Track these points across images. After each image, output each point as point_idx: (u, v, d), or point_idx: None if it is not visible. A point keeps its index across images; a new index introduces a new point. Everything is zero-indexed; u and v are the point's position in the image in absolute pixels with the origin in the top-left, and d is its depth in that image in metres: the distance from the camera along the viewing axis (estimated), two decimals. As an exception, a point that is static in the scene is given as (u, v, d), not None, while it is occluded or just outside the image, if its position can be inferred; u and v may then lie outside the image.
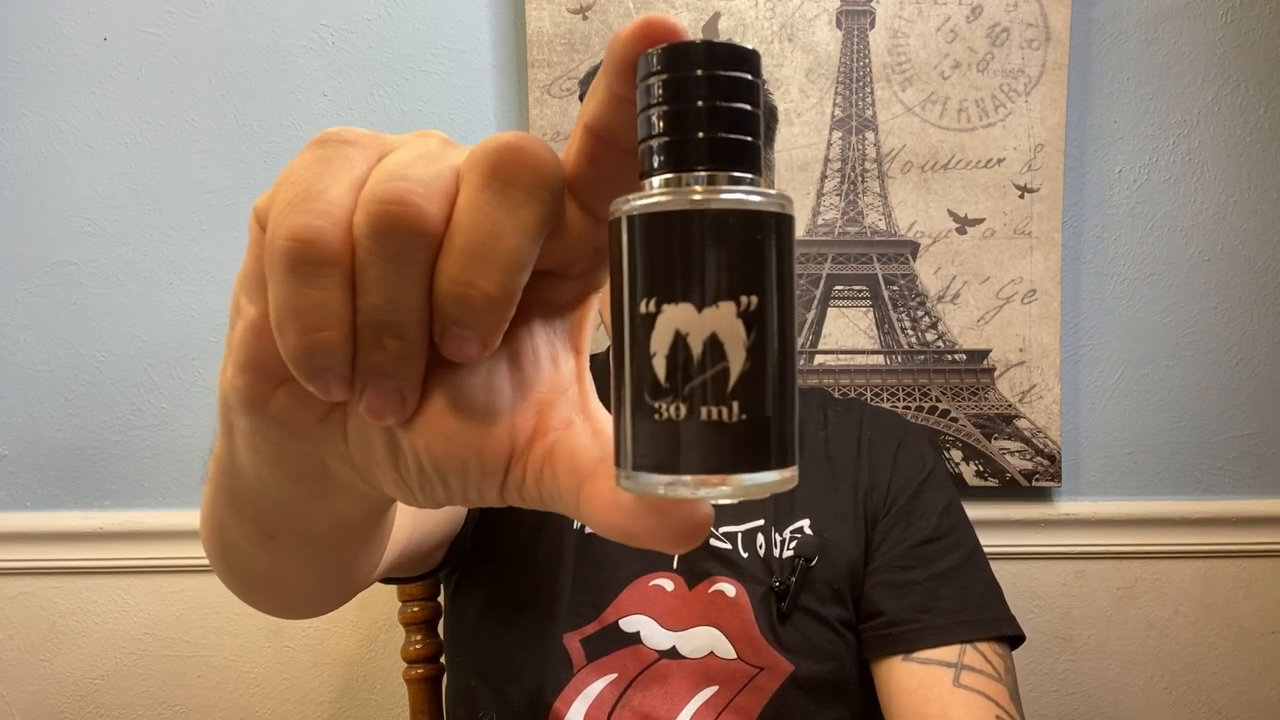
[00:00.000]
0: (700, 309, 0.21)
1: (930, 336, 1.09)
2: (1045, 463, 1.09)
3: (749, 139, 0.21)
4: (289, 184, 0.22)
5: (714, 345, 0.21)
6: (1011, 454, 1.09)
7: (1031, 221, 1.07)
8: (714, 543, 0.77)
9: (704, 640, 0.74)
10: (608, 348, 0.88)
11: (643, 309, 0.21)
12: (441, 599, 0.96)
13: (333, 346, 0.22)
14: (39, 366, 1.11)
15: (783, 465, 0.22)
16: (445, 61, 1.08)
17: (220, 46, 1.08)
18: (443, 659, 0.94)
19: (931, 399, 1.09)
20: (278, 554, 0.37)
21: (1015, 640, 0.76)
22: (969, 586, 0.76)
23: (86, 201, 1.09)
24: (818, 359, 1.09)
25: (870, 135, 1.06)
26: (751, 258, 0.21)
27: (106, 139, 1.08)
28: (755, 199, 0.21)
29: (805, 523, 0.78)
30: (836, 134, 1.06)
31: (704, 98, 0.21)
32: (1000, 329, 1.08)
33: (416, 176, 0.22)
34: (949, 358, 1.08)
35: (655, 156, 0.21)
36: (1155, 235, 1.10)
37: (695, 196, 0.21)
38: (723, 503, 0.23)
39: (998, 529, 1.10)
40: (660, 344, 0.21)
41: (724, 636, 0.74)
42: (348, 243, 0.22)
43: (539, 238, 0.23)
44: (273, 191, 0.23)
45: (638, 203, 0.21)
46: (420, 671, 0.95)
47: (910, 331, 1.09)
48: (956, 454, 1.09)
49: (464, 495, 0.26)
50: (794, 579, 0.75)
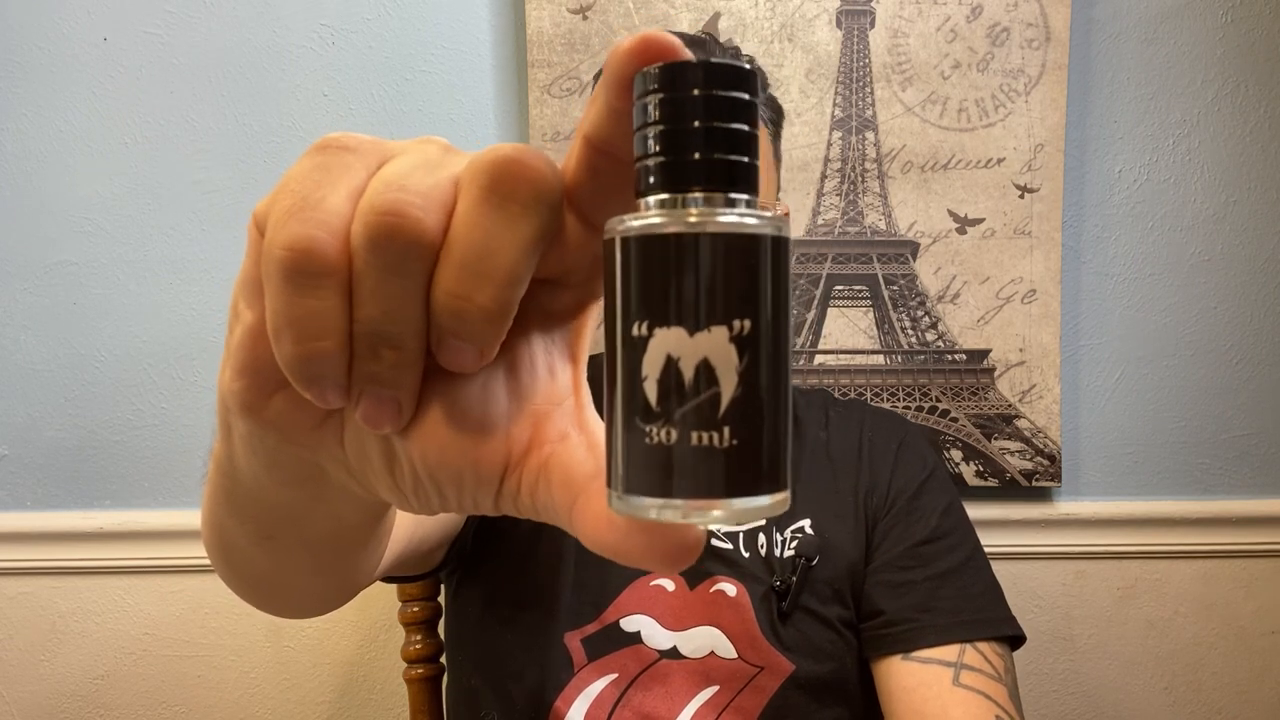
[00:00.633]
0: (692, 333, 0.20)
1: (930, 336, 1.09)
2: (1045, 463, 1.09)
3: (745, 159, 0.21)
4: (288, 191, 0.22)
5: (706, 370, 0.20)
6: (1011, 454, 1.09)
7: (1031, 221, 1.07)
8: (715, 542, 0.77)
9: (705, 640, 0.74)
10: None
11: (634, 331, 0.21)
12: (442, 599, 0.96)
13: (329, 356, 0.22)
14: (39, 366, 1.11)
15: (774, 490, 0.21)
16: (445, 61, 1.08)
17: (220, 46, 1.08)
18: (443, 659, 0.94)
19: (931, 399, 1.09)
20: (276, 554, 0.37)
21: (1016, 640, 0.76)
22: (969, 586, 0.76)
23: (86, 201, 1.09)
24: (818, 359, 1.09)
25: (870, 135, 1.06)
26: (745, 281, 0.21)
27: (106, 139, 1.08)
28: (751, 221, 0.21)
29: (806, 522, 0.78)
30: (836, 134, 1.06)
31: (700, 118, 0.21)
32: (1000, 329, 1.08)
33: (414, 187, 0.22)
34: (949, 358, 1.09)
35: (651, 176, 0.21)
36: (1155, 235, 1.10)
37: (691, 219, 0.20)
38: (714, 528, 0.23)
39: (998, 529, 1.10)
40: (652, 368, 0.21)
41: (725, 636, 0.74)
42: (345, 253, 0.22)
43: (536, 252, 0.23)
44: (272, 197, 0.23)
45: (632, 223, 0.21)
46: (420, 671, 0.95)
47: (910, 331, 1.09)
48: (956, 454, 1.09)
49: (459, 504, 0.26)
50: (795, 579, 0.75)
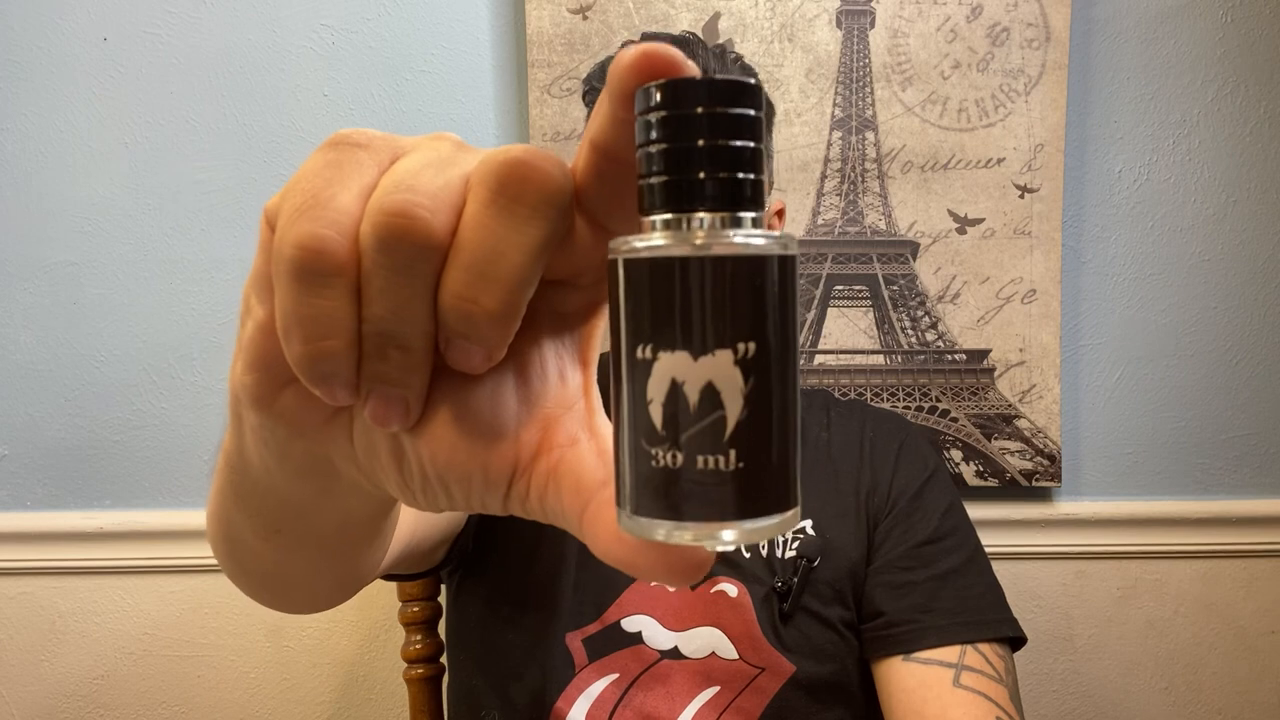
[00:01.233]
0: (696, 357, 0.20)
1: (930, 336, 1.09)
2: (1045, 463, 1.09)
3: (751, 176, 0.21)
4: (298, 189, 0.22)
5: (710, 394, 0.20)
6: (1011, 454, 1.09)
7: (1031, 221, 1.07)
8: (715, 543, 0.77)
9: (706, 640, 0.74)
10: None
11: (639, 354, 0.21)
12: (442, 599, 0.96)
13: (337, 354, 0.22)
14: (39, 366, 1.11)
15: (783, 509, 0.21)
16: (445, 61, 1.08)
17: (220, 46, 1.08)
18: (443, 659, 0.94)
19: (931, 399, 1.09)
20: (283, 548, 0.37)
21: (1016, 642, 0.76)
22: (970, 587, 0.76)
23: (86, 201, 1.09)
24: (818, 359, 1.09)
25: (870, 135, 1.06)
26: (750, 303, 0.20)
27: (106, 139, 1.08)
28: (757, 242, 0.20)
29: (807, 523, 0.78)
30: (836, 134, 1.06)
31: (704, 136, 0.20)
32: (1000, 329, 1.08)
33: (424, 188, 0.22)
34: (949, 358, 1.09)
35: (654, 195, 0.21)
36: (1155, 235, 1.10)
37: (697, 241, 0.20)
38: (723, 549, 0.23)
39: (998, 529, 1.10)
40: (656, 391, 0.21)
41: (726, 637, 0.74)
42: (354, 252, 0.22)
43: (544, 255, 0.22)
44: (283, 194, 0.23)
45: (635, 245, 0.21)
46: (420, 671, 0.95)
47: (910, 331, 1.09)
48: (956, 454, 1.09)
49: (467, 504, 0.26)
50: (796, 579, 0.75)
